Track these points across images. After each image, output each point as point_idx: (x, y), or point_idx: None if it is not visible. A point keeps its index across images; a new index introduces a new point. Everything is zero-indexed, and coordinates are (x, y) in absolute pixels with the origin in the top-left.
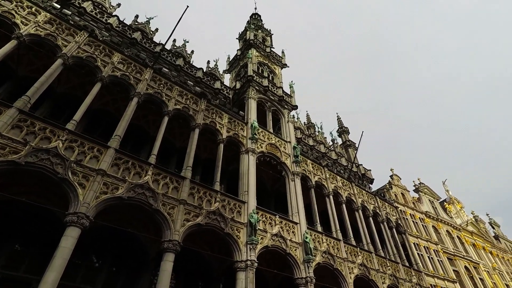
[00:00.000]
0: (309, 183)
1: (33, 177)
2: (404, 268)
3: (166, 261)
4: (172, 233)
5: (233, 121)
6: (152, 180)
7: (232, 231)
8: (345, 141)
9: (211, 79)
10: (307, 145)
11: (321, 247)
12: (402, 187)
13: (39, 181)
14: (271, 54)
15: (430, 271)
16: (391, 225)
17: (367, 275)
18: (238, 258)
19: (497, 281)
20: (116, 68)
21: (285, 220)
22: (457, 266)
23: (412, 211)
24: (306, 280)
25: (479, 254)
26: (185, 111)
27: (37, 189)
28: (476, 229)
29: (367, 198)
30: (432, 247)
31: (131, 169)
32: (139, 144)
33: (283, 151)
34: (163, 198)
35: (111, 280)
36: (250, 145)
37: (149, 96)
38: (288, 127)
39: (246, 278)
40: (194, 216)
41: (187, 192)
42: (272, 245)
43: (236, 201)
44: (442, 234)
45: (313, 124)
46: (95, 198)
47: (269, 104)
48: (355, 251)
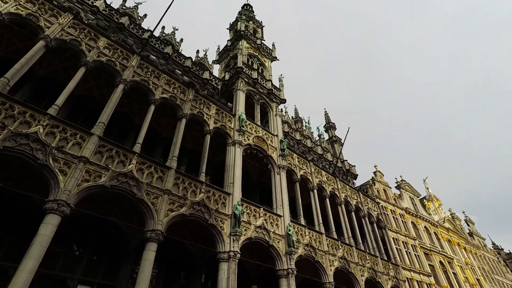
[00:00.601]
0: (294, 177)
1: (12, 163)
2: (383, 262)
3: (148, 251)
4: (155, 223)
5: (221, 113)
6: (136, 169)
7: (216, 222)
8: (331, 136)
9: (200, 69)
10: (294, 139)
11: (304, 240)
12: (384, 184)
13: (18, 167)
14: (261, 46)
15: (407, 265)
16: (372, 220)
17: (347, 267)
18: (221, 249)
19: (469, 276)
20: (102, 53)
21: (269, 212)
22: (433, 261)
23: (393, 207)
24: (288, 272)
25: (454, 249)
26: (172, 100)
27: (16, 175)
28: (452, 226)
29: (351, 193)
30: (410, 242)
31: (115, 157)
32: (124, 132)
33: (270, 144)
34: (147, 188)
35: (92, 268)
36: (237, 137)
37: (135, 83)
38: (276, 121)
39: (229, 269)
40: (178, 206)
41: (172, 182)
42: (256, 237)
43: (221, 193)
44: (420, 230)
45: (300, 118)
46: (77, 185)
47: (257, 96)
48: (336, 244)
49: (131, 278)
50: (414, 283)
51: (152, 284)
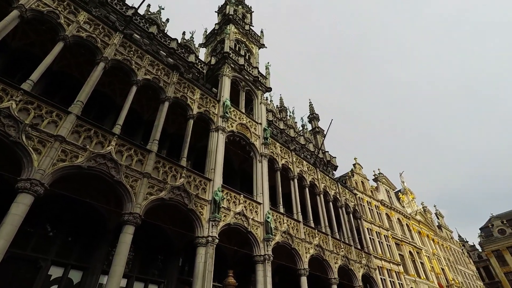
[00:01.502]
0: (276, 165)
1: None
2: (356, 251)
3: (125, 233)
4: (133, 206)
5: (205, 98)
6: (115, 151)
7: (196, 207)
8: (314, 127)
9: (186, 52)
10: (277, 128)
11: (282, 227)
12: (363, 176)
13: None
14: (249, 32)
15: (379, 254)
16: (349, 211)
17: (321, 255)
18: (200, 234)
19: (435, 265)
20: (82, 28)
21: (249, 199)
22: (403, 251)
23: (369, 199)
24: (264, 258)
25: (423, 241)
26: (155, 82)
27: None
28: (423, 219)
29: (330, 184)
30: (383, 233)
31: (93, 138)
32: (103, 113)
33: (253, 132)
34: (126, 170)
35: (66, 249)
36: (221, 123)
37: (117, 62)
38: (260, 109)
39: (206, 253)
40: (157, 190)
41: (152, 165)
42: (235, 223)
43: (202, 178)
44: (394, 221)
45: (285, 108)
46: (52, 165)
47: (243, 83)
48: (313, 232)
49: (106, 260)
50: (384, 271)
51: (129, 267)
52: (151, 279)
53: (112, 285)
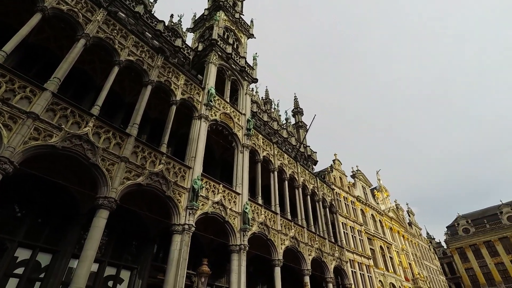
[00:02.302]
0: (257, 157)
1: None
2: (330, 244)
3: (99, 218)
4: (109, 190)
5: (190, 84)
6: (92, 132)
7: (174, 194)
8: (297, 121)
9: (172, 35)
10: (261, 120)
11: (259, 218)
12: (341, 172)
13: None
14: (239, 21)
15: (351, 247)
16: (326, 205)
17: (296, 247)
18: (176, 222)
19: (403, 260)
20: (63, 1)
21: (229, 189)
22: (374, 245)
23: (346, 194)
24: (240, 247)
25: (394, 236)
26: (138, 64)
27: None
28: (396, 216)
29: (309, 178)
30: (357, 228)
31: (69, 117)
32: (82, 92)
33: (236, 122)
34: (103, 153)
35: (35, 231)
36: (204, 111)
37: (99, 40)
38: (245, 99)
39: (182, 241)
40: (135, 175)
41: (130, 150)
42: (212, 212)
43: (181, 166)
44: (368, 217)
45: (270, 100)
46: (23, 143)
47: (229, 72)
48: (290, 224)
49: (78, 244)
50: (355, 264)
51: (101, 251)
52: (124, 264)
53: (82, 269)
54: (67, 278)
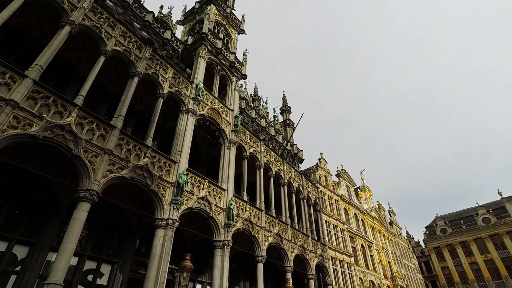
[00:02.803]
0: (243, 153)
1: None
2: (313, 241)
3: (80, 210)
4: (91, 183)
5: (178, 78)
6: (75, 123)
7: (158, 189)
8: (285, 119)
9: (162, 27)
10: (249, 117)
11: (244, 215)
12: (326, 171)
13: None
14: (230, 16)
15: (333, 245)
16: (310, 203)
17: (280, 244)
18: (160, 216)
19: (382, 258)
20: None
21: (214, 185)
22: (356, 244)
23: (331, 193)
24: (224, 243)
25: (375, 235)
26: (125, 54)
27: None
28: (377, 215)
29: (294, 176)
30: (339, 226)
31: (51, 107)
32: (65, 81)
33: (224, 118)
34: (86, 145)
35: (12, 223)
36: (192, 105)
37: (85, 28)
38: (234, 95)
39: (165, 235)
40: (119, 168)
41: (114, 142)
42: (197, 207)
43: (167, 160)
44: (350, 216)
45: (259, 97)
46: (1, 131)
47: (218, 67)
48: (274, 221)
49: (57, 237)
50: (337, 262)
51: (81, 245)
52: (105, 258)
53: (60, 262)
54: (44, 272)
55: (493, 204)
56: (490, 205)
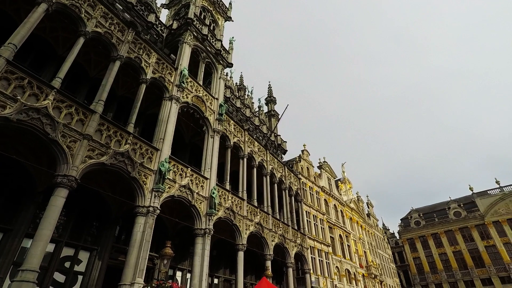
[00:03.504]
0: (227, 143)
1: None
2: (293, 231)
3: (57, 196)
4: (69, 168)
5: (162, 63)
6: (52, 106)
7: (139, 176)
8: (270, 110)
9: (145, 10)
10: (234, 106)
11: (226, 204)
12: (309, 162)
13: None
14: (217, 2)
15: (312, 235)
16: (292, 193)
17: (260, 233)
18: (141, 203)
19: (359, 248)
20: None
21: (197, 174)
22: (334, 234)
23: (312, 184)
24: (205, 232)
25: (353, 226)
26: (107, 37)
27: None
28: (356, 207)
29: (277, 167)
30: (319, 216)
31: (26, 88)
32: (41, 63)
33: (208, 106)
34: (63, 129)
35: None
36: (176, 92)
37: (62, 7)
38: (219, 84)
39: (146, 223)
40: (98, 154)
41: (94, 127)
42: (179, 195)
43: (149, 147)
44: (330, 207)
45: (244, 86)
46: None
47: (204, 54)
48: (255, 211)
49: (33, 223)
50: (315, 251)
51: (58, 231)
52: (83, 245)
53: (36, 248)
54: (19, 258)
55: (464, 199)
56: (461, 199)
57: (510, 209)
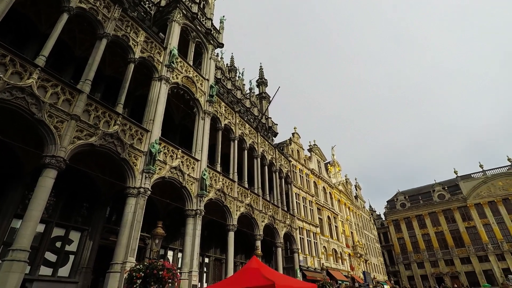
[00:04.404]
0: (218, 125)
1: None
2: (282, 212)
3: (45, 177)
4: (57, 149)
5: (150, 42)
6: (37, 85)
7: (129, 157)
8: (261, 92)
9: None
10: (224, 88)
11: (217, 185)
12: (299, 145)
13: None
14: None
15: (301, 216)
16: (282, 176)
17: (251, 214)
18: (131, 185)
19: (346, 229)
20: None
21: (187, 155)
22: (322, 215)
23: (302, 167)
24: (196, 212)
25: (340, 208)
26: (92, 13)
27: None
28: (344, 189)
29: (268, 149)
30: (308, 198)
31: (8, 66)
32: (24, 40)
33: (199, 87)
34: (50, 109)
35: None
36: (165, 73)
37: None
38: (209, 64)
39: (136, 204)
40: (87, 135)
41: (82, 107)
42: (169, 177)
43: (138, 128)
44: (319, 189)
45: (235, 68)
46: None
47: (194, 34)
48: (246, 192)
49: (22, 204)
50: (304, 231)
51: (48, 212)
52: (74, 225)
53: (26, 229)
54: (9, 239)
55: (449, 182)
56: (446, 183)
57: (492, 192)
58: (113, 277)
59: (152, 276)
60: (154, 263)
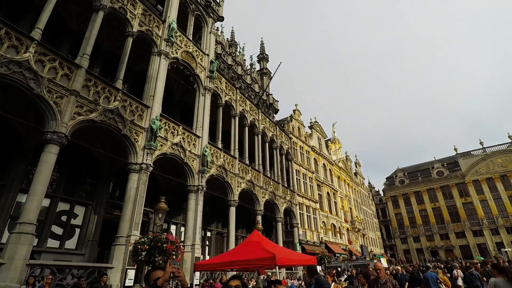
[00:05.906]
0: (219, 101)
1: None
2: (283, 188)
3: (48, 153)
4: (58, 125)
5: (149, 15)
6: (34, 59)
7: (131, 133)
8: (262, 68)
9: None
10: (225, 63)
11: (218, 162)
12: (300, 122)
13: None
14: None
15: (301, 192)
16: (283, 152)
17: (252, 190)
18: (133, 161)
19: (345, 205)
20: None
21: (188, 132)
22: (322, 191)
23: (302, 144)
24: (198, 188)
25: (340, 184)
26: None
27: None
28: (344, 166)
29: (269, 126)
30: (308, 175)
31: (4, 40)
32: (18, 13)
33: (199, 62)
34: (49, 84)
35: None
36: (165, 47)
37: None
38: (209, 39)
39: (139, 179)
40: (87, 111)
41: (81, 83)
42: (171, 153)
43: (139, 104)
44: (319, 166)
45: (236, 42)
46: None
47: (193, 6)
48: (247, 169)
49: (26, 179)
50: (304, 207)
51: (52, 187)
52: (78, 200)
53: (32, 203)
54: (15, 212)
55: (448, 159)
56: (445, 159)
57: (490, 169)
58: (118, 249)
59: (156, 248)
60: (158, 236)
